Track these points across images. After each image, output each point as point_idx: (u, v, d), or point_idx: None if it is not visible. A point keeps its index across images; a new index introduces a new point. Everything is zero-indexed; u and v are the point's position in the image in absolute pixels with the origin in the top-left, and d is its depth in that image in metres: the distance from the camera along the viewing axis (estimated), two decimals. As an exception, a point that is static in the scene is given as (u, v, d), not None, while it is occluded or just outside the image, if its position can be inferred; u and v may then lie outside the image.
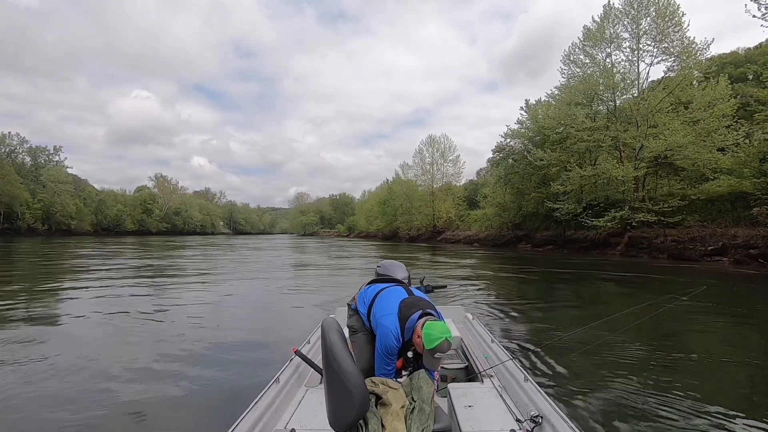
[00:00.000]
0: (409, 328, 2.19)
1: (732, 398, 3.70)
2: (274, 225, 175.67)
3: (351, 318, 2.65)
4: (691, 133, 21.63)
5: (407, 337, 2.19)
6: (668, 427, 3.12)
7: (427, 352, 2.04)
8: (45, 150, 69.78)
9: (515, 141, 35.18)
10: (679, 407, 3.43)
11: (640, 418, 3.26)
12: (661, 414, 3.32)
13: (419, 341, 2.08)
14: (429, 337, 2.02)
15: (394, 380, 2.09)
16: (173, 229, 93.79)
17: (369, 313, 2.42)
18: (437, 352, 2.01)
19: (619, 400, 3.60)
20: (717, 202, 20.53)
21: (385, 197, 67.63)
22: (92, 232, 69.74)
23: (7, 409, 3.44)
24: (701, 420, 3.22)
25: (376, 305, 2.39)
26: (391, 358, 2.22)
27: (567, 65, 28.57)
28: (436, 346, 1.99)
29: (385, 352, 2.21)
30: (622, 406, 3.48)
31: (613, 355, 4.87)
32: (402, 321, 2.22)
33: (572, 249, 26.82)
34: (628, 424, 3.16)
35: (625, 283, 12.29)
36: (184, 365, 4.49)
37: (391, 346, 2.19)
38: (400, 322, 2.22)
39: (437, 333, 2.02)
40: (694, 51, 22.89)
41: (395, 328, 2.21)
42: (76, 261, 18.90)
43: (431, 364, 2.09)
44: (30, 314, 7.17)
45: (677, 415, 3.30)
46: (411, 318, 2.19)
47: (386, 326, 2.22)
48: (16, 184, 55.94)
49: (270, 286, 11.26)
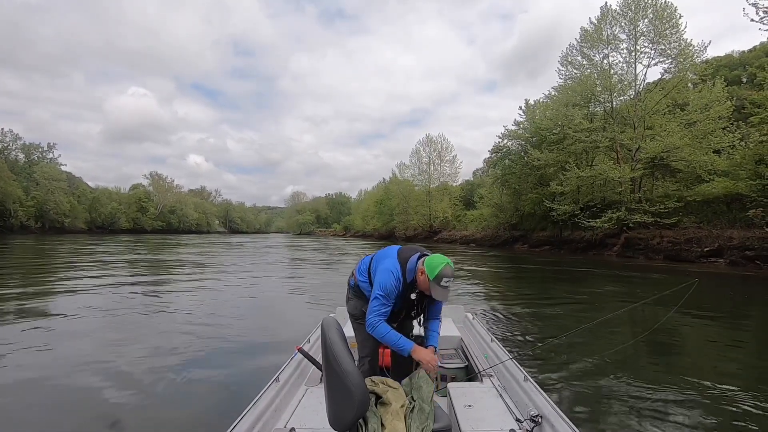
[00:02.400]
0: (410, 269, 2.27)
1: (731, 397, 3.67)
2: (270, 224, 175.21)
3: (350, 302, 2.61)
4: (687, 134, 21.73)
5: (409, 278, 2.26)
6: (668, 426, 3.11)
7: (433, 284, 2.14)
8: (39, 147, 69.36)
9: (513, 141, 35.24)
10: (679, 407, 3.42)
11: (640, 417, 3.25)
12: (661, 413, 3.30)
13: (423, 277, 2.18)
14: (431, 266, 2.15)
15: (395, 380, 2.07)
16: (168, 227, 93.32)
17: (370, 278, 2.42)
18: (442, 278, 2.12)
19: (619, 399, 3.58)
20: (713, 203, 20.60)
21: (381, 197, 67.60)
22: (86, 230, 69.20)
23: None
24: (701, 420, 3.20)
25: (374, 263, 2.42)
26: (388, 299, 2.23)
27: (565, 66, 28.70)
28: (439, 272, 2.11)
29: (383, 292, 2.22)
30: (622, 405, 3.46)
31: (613, 355, 4.86)
32: (402, 263, 2.28)
33: (569, 249, 26.88)
34: (627, 423, 3.15)
35: (622, 284, 12.29)
36: (184, 364, 4.45)
37: (389, 285, 2.21)
38: (401, 265, 2.27)
39: (437, 261, 2.16)
40: (690, 53, 23.00)
41: (396, 269, 2.26)
42: (70, 259, 18.70)
43: (440, 294, 2.17)
44: (25, 313, 7.05)
45: (677, 414, 3.29)
46: (410, 260, 2.28)
47: (386, 266, 2.27)
48: (9, 182, 55.47)
49: (268, 285, 11.16)
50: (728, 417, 3.25)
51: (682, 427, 3.11)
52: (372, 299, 2.27)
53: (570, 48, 28.01)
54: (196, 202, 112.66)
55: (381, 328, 2.22)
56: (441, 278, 2.12)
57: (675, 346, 5.55)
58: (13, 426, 3.14)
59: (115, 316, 6.81)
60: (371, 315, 2.24)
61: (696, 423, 3.16)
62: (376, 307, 2.23)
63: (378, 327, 2.23)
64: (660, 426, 3.11)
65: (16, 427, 3.13)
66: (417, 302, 2.37)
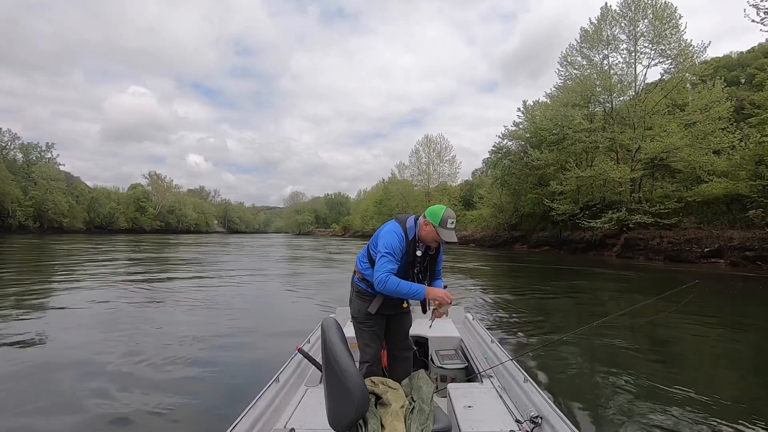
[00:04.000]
0: (410, 228, 2.38)
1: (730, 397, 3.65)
2: (269, 224, 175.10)
3: (353, 304, 2.59)
4: (687, 135, 21.71)
5: (411, 235, 2.37)
6: (668, 426, 3.09)
7: (440, 228, 2.28)
8: (37, 147, 69.15)
9: (512, 142, 35.22)
10: (678, 407, 3.41)
11: (639, 418, 3.24)
12: (661, 414, 3.30)
13: (428, 227, 2.32)
14: (433, 214, 2.30)
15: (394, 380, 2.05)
16: (167, 227, 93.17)
17: (371, 262, 2.45)
18: (447, 219, 2.28)
19: (618, 400, 3.57)
20: (713, 204, 20.59)
21: (380, 197, 67.57)
22: (85, 230, 69.02)
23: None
24: (701, 419, 3.19)
25: (372, 241, 2.48)
26: (394, 255, 2.30)
27: (564, 67, 28.70)
28: (443, 216, 2.27)
29: (389, 250, 2.30)
30: (622, 406, 3.45)
31: (613, 355, 4.87)
32: (401, 224, 2.39)
33: (568, 250, 26.86)
34: (627, 424, 3.14)
35: (622, 284, 12.25)
36: (183, 364, 4.41)
37: (394, 243, 2.31)
38: (401, 225, 2.39)
39: (438, 208, 2.31)
40: (691, 53, 22.98)
41: (398, 228, 2.37)
42: (69, 258, 18.62)
43: (448, 235, 2.30)
44: (23, 311, 6.99)
45: (677, 414, 3.28)
46: (408, 220, 2.41)
47: (387, 230, 2.39)
48: (8, 181, 55.31)
49: (268, 285, 11.15)
50: (728, 417, 3.23)
51: (683, 427, 3.09)
52: (378, 259, 2.31)
53: (570, 48, 28.03)
54: (195, 202, 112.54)
55: (391, 281, 2.25)
56: (446, 220, 2.28)
57: (675, 347, 5.53)
58: (5, 423, 3.10)
59: (112, 315, 6.76)
60: (379, 273, 2.26)
61: (696, 423, 3.14)
62: (383, 264, 2.28)
63: (388, 282, 2.25)
64: (660, 426, 3.09)
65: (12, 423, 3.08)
66: (419, 261, 2.43)
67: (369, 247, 2.50)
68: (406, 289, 2.27)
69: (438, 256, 2.55)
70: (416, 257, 2.40)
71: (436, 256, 2.54)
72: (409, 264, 2.39)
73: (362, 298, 2.52)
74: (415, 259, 2.40)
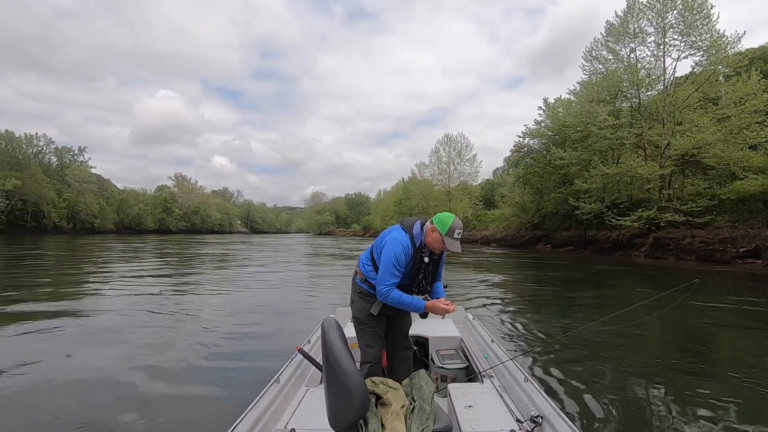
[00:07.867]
0: (417, 235, 2.35)
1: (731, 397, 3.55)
2: (290, 224, 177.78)
3: (355, 305, 2.57)
4: (720, 130, 20.73)
5: (418, 242, 2.33)
6: (668, 426, 3.08)
7: (446, 237, 2.24)
8: (70, 150, 72.19)
9: (534, 140, 34.50)
10: (678, 407, 3.39)
11: (640, 418, 3.24)
12: (661, 414, 3.30)
13: (435, 234, 2.27)
14: (441, 222, 2.26)
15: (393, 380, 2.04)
16: (192, 227, 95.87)
17: (374, 265, 2.43)
18: (455, 230, 2.24)
19: (619, 400, 3.55)
20: (748, 201, 19.67)
21: (400, 197, 67.53)
22: (114, 231, 71.67)
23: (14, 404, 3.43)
24: (701, 419, 3.16)
25: (376, 245, 2.45)
26: (398, 267, 2.28)
27: (589, 62, 27.90)
28: (451, 225, 2.24)
29: (394, 261, 2.27)
30: (623, 406, 3.42)
31: (613, 355, 4.85)
32: (407, 231, 2.35)
33: (593, 250, 26.15)
34: (628, 424, 3.12)
35: (647, 283, 11.76)
36: (183, 364, 4.41)
37: (399, 253, 2.28)
38: (406, 232, 2.35)
39: (446, 216, 2.28)
40: (723, 44, 21.95)
41: (404, 237, 2.33)
42: (92, 259, 19.29)
43: (454, 246, 2.27)
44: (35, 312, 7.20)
45: (677, 414, 3.26)
46: (414, 226, 2.37)
47: (392, 238, 2.34)
48: (44, 184, 57.96)
49: (283, 284, 11.21)
50: (728, 417, 3.19)
51: (683, 427, 3.06)
52: (381, 271, 2.31)
53: (594, 42, 27.23)
54: (219, 203, 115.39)
55: (393, 295, 2.29)
56: (453, 230, 2.24)
57: (676, 347, 5.44)
58: (24, 418, 3.16)
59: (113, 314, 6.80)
60: (381, 285, 2.29)
61: (696, 423, 3.11)
62: (386, 278, 2.28)
63: (390, 295, 2.29)
64: (660, 426, 3.09)
65: (25, 418, 3.15)
66: (425, 267, 2.43)
67: (372, 249, 2.48)
68: (407, 303, 2.32)
69: (441, 259, 2.56)
70: (423, 263, 2.40)
71: (439, 260, 2.55)
72: (415, 270, 2.40)
73: (364, 299, 2.51)
74: (422, 265, 2.41)
